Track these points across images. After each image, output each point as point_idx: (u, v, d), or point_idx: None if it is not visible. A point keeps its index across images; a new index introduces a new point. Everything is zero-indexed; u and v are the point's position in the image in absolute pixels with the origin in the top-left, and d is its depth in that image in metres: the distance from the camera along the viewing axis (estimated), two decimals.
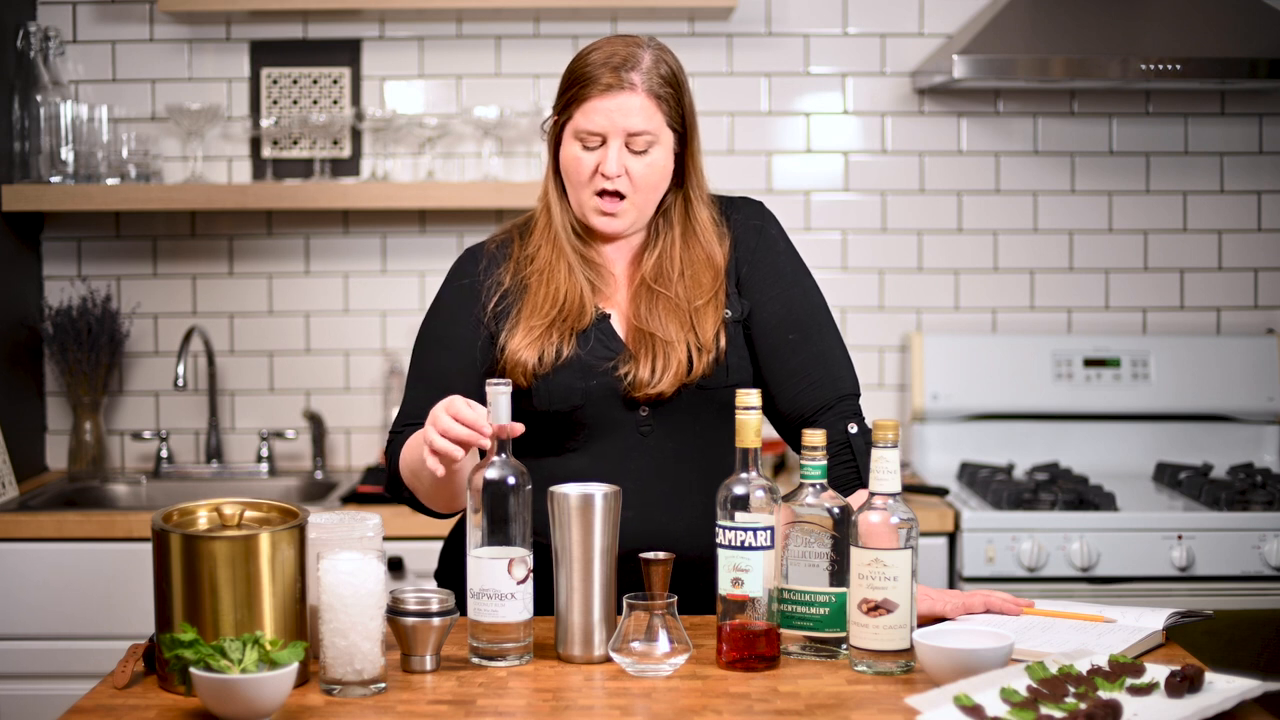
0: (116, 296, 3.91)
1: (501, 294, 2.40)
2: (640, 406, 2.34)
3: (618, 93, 2.32)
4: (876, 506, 2.04)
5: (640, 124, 2.32)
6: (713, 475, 2.32)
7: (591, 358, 2.34)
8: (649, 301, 2.37)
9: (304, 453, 3.96)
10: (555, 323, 2.35)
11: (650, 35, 2.42)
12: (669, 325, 2.34)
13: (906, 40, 3.93)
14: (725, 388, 2.33)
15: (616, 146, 2.33)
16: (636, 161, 2.34)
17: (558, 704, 1.93)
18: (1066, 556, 3.33)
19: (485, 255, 2.44)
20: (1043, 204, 3.97)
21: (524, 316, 2.36)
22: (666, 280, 2.38)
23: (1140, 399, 3.87)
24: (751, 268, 2.42)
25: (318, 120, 3.85)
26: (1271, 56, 3.55)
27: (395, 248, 3.94)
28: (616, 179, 2.33)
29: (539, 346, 2.33)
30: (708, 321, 2.35)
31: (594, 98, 2.32)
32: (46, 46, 3.75)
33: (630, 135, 2.32)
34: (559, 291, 2.36)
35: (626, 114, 2.32)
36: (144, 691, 1.98)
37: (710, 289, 2.37)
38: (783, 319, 2.41)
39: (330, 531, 2.08)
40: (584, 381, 2.33)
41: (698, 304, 2.36)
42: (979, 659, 1.94)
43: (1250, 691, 1.87)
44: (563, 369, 2.33)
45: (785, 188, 3.95)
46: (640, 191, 2.35)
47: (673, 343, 2.33)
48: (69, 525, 3.38)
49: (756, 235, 2.44)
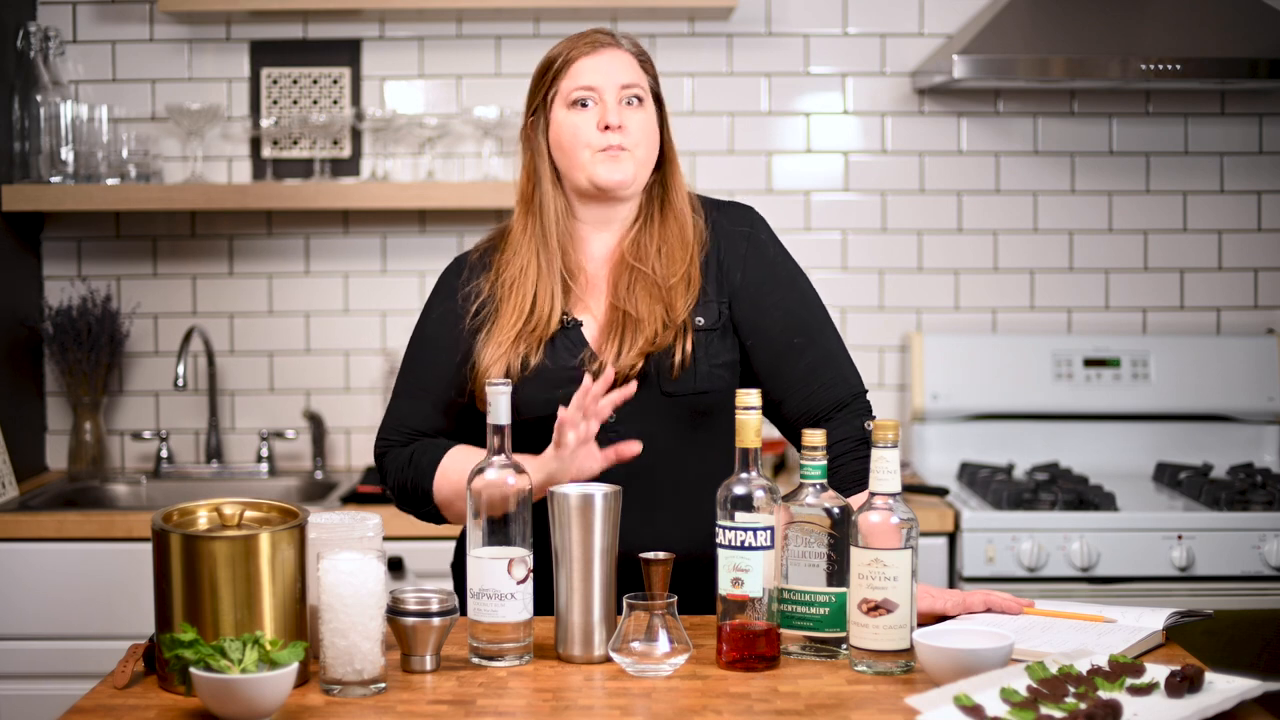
0: (116, 296, 3.91)
1: (480, 304, 2.40)
2: (610, 415, 2.28)
3: (604, 49, 2.36)
4: (877, 506, 2.05)
5: (631, 76, 2.36)
6: (682, 487, 2.33)
7: (558, 367, 2.34)
8: (629, 280, 2.36)
9: (304, 453, 3.96)
10: (523, 333, 2.34)
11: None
12: (641, 304, 2.33)
13: (906, 40, 3.93)
14: (693, 394, 2.33)
15: (612, 98, 2.34)
16: (632, 115, 2.35)
17: (558, 704, 1.93)
18: (1066, 556, 3.33)
19: (468, 265, 2.45)
20: (1043, 204, 3.97)
21: (494, 331, 2.36)
22: (644, 256, 2.37)
23: (1140, 399, 3.87)
24: (745, 275, 2.40)
25: (318, 120, 3.85)
26: (1271, 56, 3.55)
27: (395, 248, 3.93)
28: (619, 130, 2.33)
29: (505, 361, 2.33)
30: (678, 301, 2.34)
31: (581, 58, 2.36)
32: (46, 46, 3.75)
33: (624, 86, 2.35)
34: (526, 299, 2.36)
35: (617, 66, 2.36)
36: (144, 691, 1.98)
37: (683, 267, 2.36)
38: (786, 324, 2.39)
39: (330, 531, 2.09)
40: (550, 391, 2.31)
41: (671, 281, 2.35)
42: (979, 659, 1.94)
43: (1250, 691, 1.87)
44: (530, 380, 2.32)
45: (785, 188, 3.95)
46: (639, 145, 2.36)
47: (643, 321, 2.33)
48: (69, 525, 3.38)
49: (745, 242, 2.42)
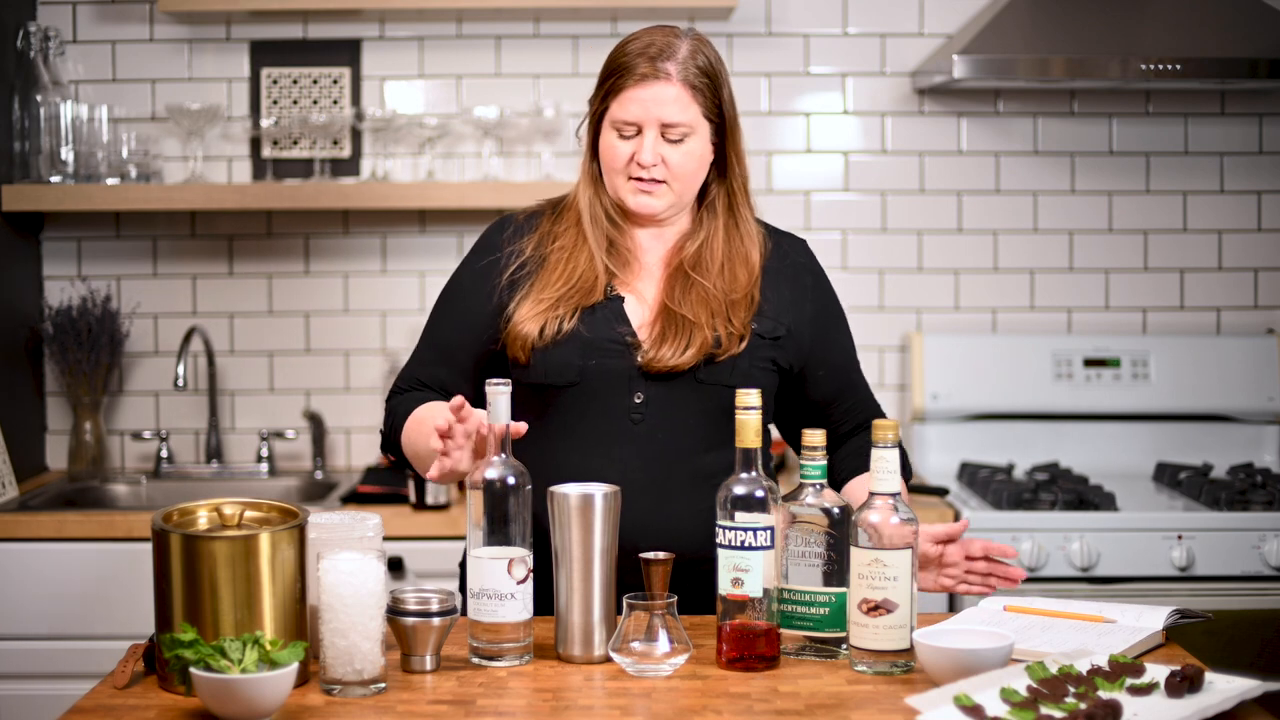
0: (116, 296, 3.91)
1: (520, 263, 2.41)
2: (636, 393, 2.33)
3: (653, 83, 2.33)
4: (877, 506, 2.05)
5: (675, 114, 2.33)
6: (699, 480, 2.33)
7: (595, 336, 2.34)
8: (684, 287, 2.37)
9: (304, 453, 3.96)
10: (564, 297, 2.35)
11: (690, 26, 2.42)
12: (699, 310, 2.35)
13: (906, 40, 3.93)
14: (724, 386, 2.33)
15: (652, 136, 2.34)
16: (673, 151, 2.35)
17: (558, 704, 1.93)
18: (1066, 556, 3.33)
19: (513, 224, 2.46)
20: (1043, 204, 3.97)
21: (535, 289, 2.37)
22: (705, 270, 2.39)
23: (1140, 399, 3.87)
24: (814, 307, 2.46)
25: (318, 120, 3.85)
26: (1271, 56, 3.55)
27: (395, 248, 3.93)
28: (652, 168, 2.34)
29: (542, 319, 2.33)
30: (739, 314, 2.37)
31: (630, 88, 2.33)
32: (46, 46, 3.75)
33: (665, 126, 2.33)
34: (576, 271, 2.37)
35: (661, 104, 2.33)
36: (144, 691, 1.98)
37: (745, 287, 2.39)
38: (848, 358, 2.52)
39: (330, 531, 2.09)
40: (582, 359, 2.33)
41: (733, 298, 2.37)
42: (979, 659, 1.94)
43: (1250, 691, 1.87)
44: (563, 343, 2.33)
45: (785, 188, 3.95)
46: (677, 179, 2.37)
47: (700, 324, 2.34)
48: (69, 525, 3.38)
49: (810, 275, 2.49)
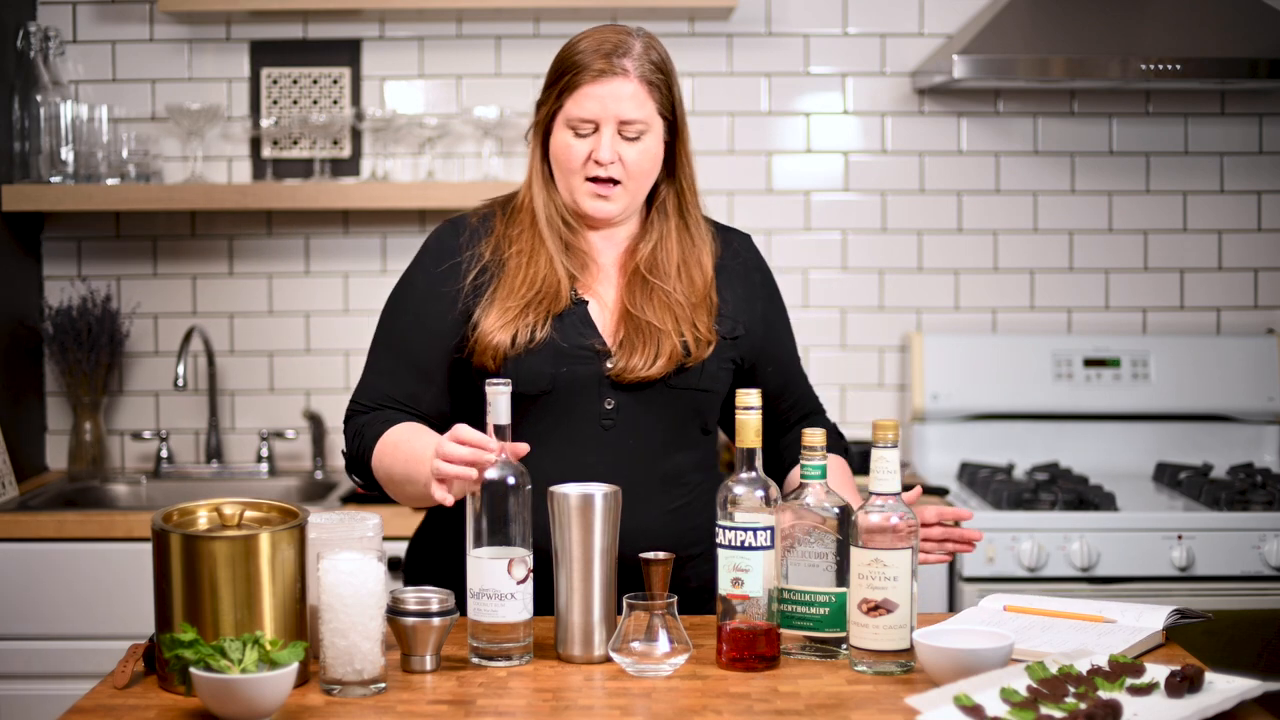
0: (116, 296, 3.91)
1: (481, 267, 2.37)
2: (606, 398, 2.32)
3: (610, 79, 2.32)
4: (876, 506, 2.05)
5: (633, 110, 2.32)
6: (668, 481, 2.34)
7: (565, 343, 2.32)
8: (644, 291, 2.36)
9: (304, 453, 3.96)
10: (531, 304, 2.32)
11: (638, 25, 2.42)
12: (664, 316, 2.34)
13: (906, 40, 3.93)
14: (695, 390, 2.34)
15: (610, 133, 2.32)
16: (629, 148, 2.33)
17: (558, 704, 1.93)
18: (1066, 556, 3.33)
19: (468, 227, 2.41)
20: (1043, 204, 3.97)
21: (500, 296, 2.33)
22: (662, 273, 2.37)
23: (1140, 399, 3.87)
24: (764, 305, 2.46)
25: (318, 120, 3.85)
26: (1271, 56, 3.55)
27: (395, 248, 3.93)
28: (610, 165, 2.32)
29: (513, 328, 2.30)
30: (702, 319, 2.36)
31: (586, 84, 2.32)
32: (46, 46, 3.75)
33: (623, 122, 2.32)
34: (538, 275, 2.34)
35: (619, 100, 2.31)
36: (144, 691, 1.98)
37: (704, 290, 2.38)
38: (791, 352, 2.52)
39: (330, 531, 2.09)
40: (554, 367, 2.31)
41: (694, 302, 2.37)
42: (979, 659, 1.94)
43: (1250, 691, 1.87)
44: (535, 352, 2.30)
45: (785, 188, 3.95)
46: (633, 178, 2.35)
47: (667, 332, 2.33)
48: (69, 525, 3.38)
49: (759, 272, 2.49)
